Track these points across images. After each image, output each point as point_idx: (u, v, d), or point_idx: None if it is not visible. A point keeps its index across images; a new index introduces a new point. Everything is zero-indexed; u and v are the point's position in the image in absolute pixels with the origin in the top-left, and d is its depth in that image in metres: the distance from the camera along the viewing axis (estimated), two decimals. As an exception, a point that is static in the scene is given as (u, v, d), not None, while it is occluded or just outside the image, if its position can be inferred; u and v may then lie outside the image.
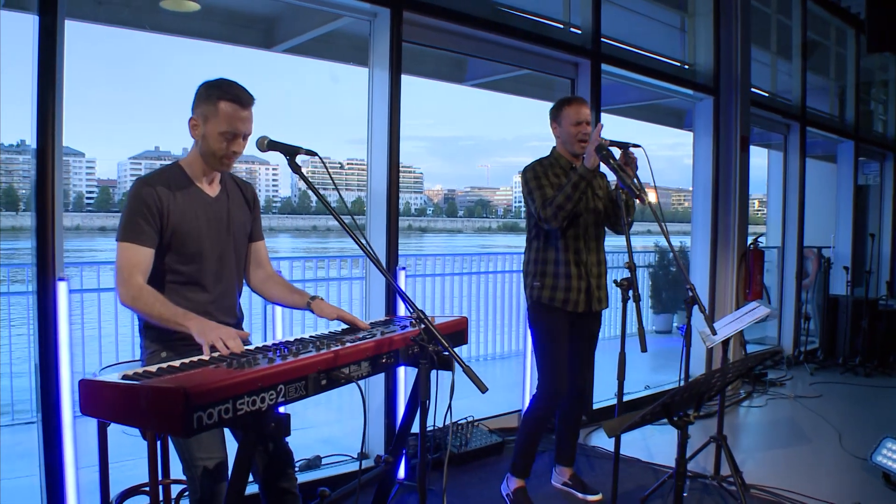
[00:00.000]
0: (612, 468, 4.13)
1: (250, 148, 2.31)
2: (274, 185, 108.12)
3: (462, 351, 7.13)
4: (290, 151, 2.21)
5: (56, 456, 2.93)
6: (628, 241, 2.83)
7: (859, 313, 6.76)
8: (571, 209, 3.23)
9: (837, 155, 8.37)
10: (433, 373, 2.08)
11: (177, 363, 1.88)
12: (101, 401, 1.71)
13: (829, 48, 8.24)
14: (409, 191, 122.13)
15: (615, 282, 3.04)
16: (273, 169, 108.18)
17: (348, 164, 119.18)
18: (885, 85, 9.36)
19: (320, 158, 2.20)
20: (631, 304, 2.91)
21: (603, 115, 7.19)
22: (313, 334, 2.34)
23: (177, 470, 2.44)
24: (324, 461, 4.01)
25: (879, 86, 9.36)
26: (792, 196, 7.27)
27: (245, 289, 2.64)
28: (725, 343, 3.72)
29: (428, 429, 4.30)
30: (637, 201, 3.13)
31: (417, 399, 2.65)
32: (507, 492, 3.63)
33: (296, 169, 2.20)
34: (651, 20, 6.43)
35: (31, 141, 2.91)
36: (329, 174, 2.17)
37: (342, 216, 2.13)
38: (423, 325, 2.00)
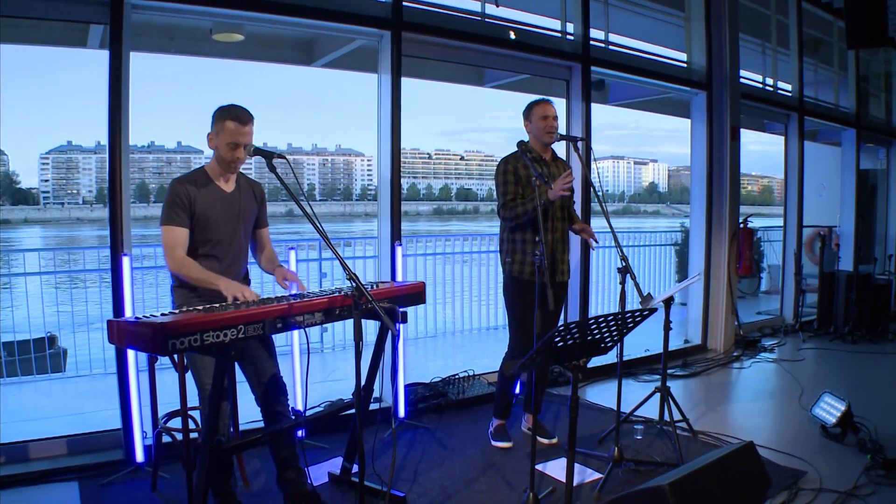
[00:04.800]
0: (582, 415, 4.51)
1: (348, 142, 2.75)
2: (368, 175, 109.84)
3: (474, 321, 7.45)
4: (268, 156, 2.72)
5: (125, 391, 3.57)
6: (538, 219, 3.19)
7: (852, 287, 6.78)
8: (524, 221, 3.69)
9: (841, 142, 8.28)
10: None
11: (177, 311, 2.43)
12: (118, 334, 2.28)
13: (832, 44, 8.13)
14: (490, 178, 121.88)
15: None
16: (368, 160, 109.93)
17: (436, 153, 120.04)
18: (889, 76, 9.10)
19: (287, 160, 2.69)
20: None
21: (617, 108, 7.44)
22: (294, 292, 2.86)
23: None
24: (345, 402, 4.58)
25: (883, 77, 9.11)
26: (792, 180, 7.31)
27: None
28: (668, 304, 3.95)
29: (432, 380, 4.78)
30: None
31: (380, 348, 3.15)
32: (491, 429, 4.07)
33: (272, 169, 2.69)
34: (656, 24, 6.65)
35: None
36: (293, 172, 2.66)
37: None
38: (354, 284, 2.46)
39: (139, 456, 3.51)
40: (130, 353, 3.55)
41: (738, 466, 2.93)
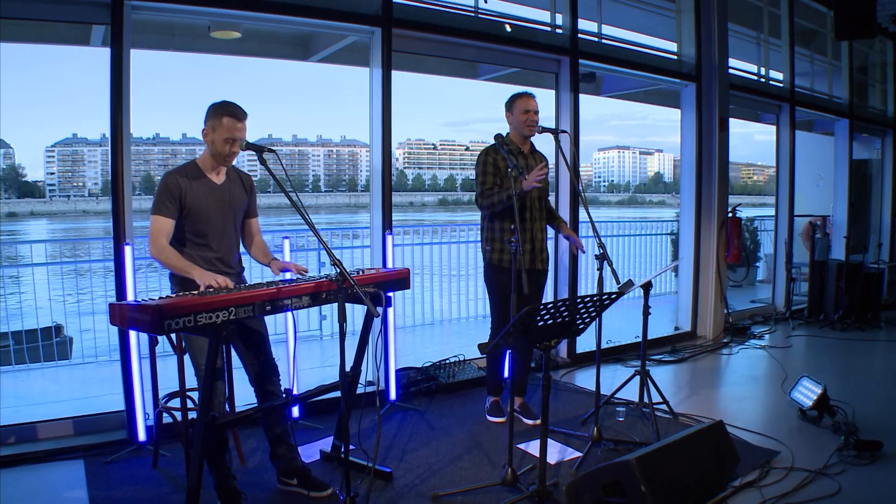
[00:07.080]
0: (568, 398, 4.71)
1: (353, 133, 2.86)
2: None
3: (471, 308, 7.62)
4: (259, 150, 2.90)
5: (128, 374, 3.76)
6: (514, 207, 3.36)
7: (842, 275, 6.92)
8: (499, 210, 3.87)
9: (834, 132, 8.39)
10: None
11: (174, 295, 2.62)
12: (119, 316, 2.46)
13: (826, 34, 8.23)
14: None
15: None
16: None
17: (441, 144, 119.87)
18: (884, 66, 9.18)
19: (276, 155, 2.87)
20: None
21: (611, 99, 7.59)
22: (285, 277, 3.05)
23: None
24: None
25: (879, 67, 9.20)
26: (784, 170, 7.45)
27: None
28: (647, 289, 4.11)
29: (422, 365, 4.95)
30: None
31: (366, 330, 3.33)
32: (486, 405, 4.30)
33: (262, 162, 2.87)
34: (649, 16, 6.79)
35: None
36: (282, 166, 2.84)
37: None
38: (338, 270, 2.64)
39: (141, 435, 3.70)
40: (133, 339, 3.75)
41: (707, 444, 3.10)
